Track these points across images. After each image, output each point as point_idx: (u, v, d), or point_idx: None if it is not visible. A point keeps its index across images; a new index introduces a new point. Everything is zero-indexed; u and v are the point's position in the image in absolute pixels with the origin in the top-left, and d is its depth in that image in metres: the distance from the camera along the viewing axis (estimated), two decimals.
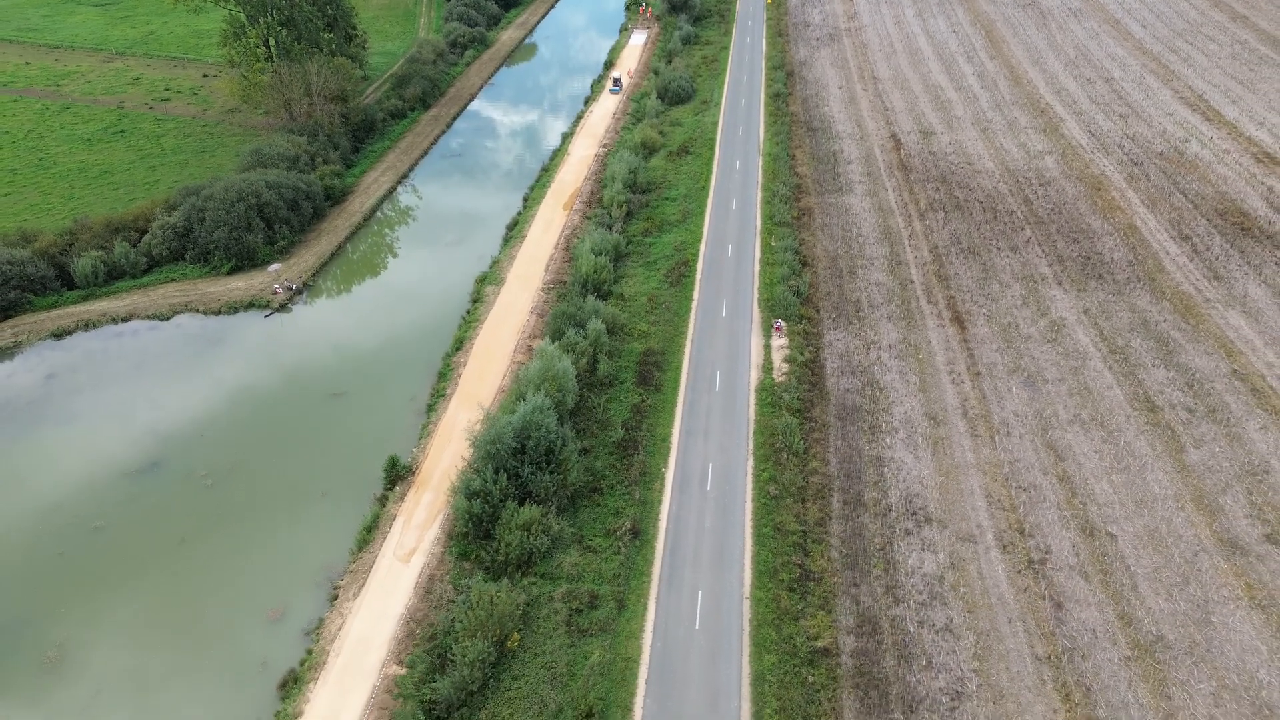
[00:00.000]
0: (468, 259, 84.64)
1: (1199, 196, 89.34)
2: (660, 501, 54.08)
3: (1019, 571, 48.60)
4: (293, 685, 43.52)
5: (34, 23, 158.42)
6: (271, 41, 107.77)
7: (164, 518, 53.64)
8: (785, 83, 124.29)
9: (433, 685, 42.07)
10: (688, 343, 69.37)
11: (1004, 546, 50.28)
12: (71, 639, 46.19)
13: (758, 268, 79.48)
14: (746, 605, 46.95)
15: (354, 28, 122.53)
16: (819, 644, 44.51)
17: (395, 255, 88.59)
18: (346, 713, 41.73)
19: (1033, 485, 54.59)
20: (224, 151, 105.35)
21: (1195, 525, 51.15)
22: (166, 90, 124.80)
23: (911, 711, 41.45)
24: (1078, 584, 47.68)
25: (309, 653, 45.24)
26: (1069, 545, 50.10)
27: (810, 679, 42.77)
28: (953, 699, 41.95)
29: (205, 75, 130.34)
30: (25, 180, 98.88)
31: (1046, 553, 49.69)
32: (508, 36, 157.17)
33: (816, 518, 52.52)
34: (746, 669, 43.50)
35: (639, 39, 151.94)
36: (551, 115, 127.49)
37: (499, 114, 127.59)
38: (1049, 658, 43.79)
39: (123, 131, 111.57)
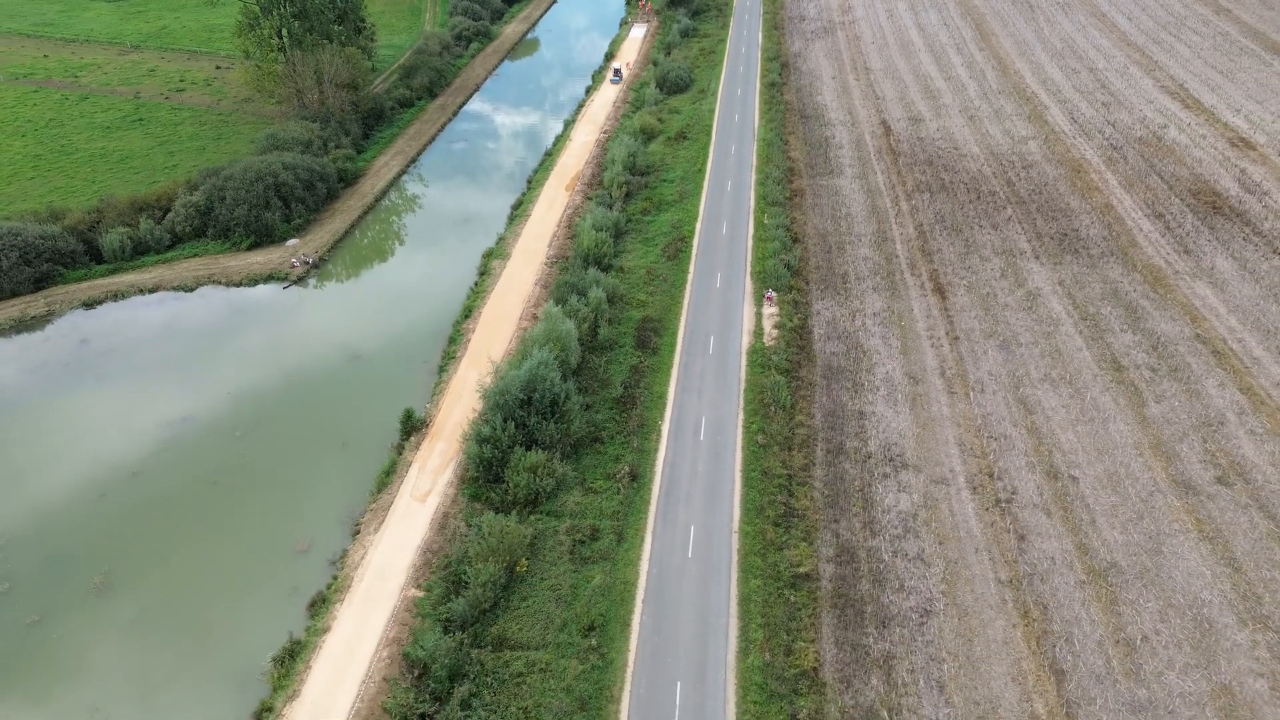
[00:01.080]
0: (475, 236, 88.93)
1: (1174, 178, 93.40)
2: (656, 450, 58.22)
3: (987, 509, 52.70)
4: (321, 605, 47.70)
5: (50, 17, 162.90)
6: (284, 32, 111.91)
7: (197, 464, 57.86)
8: (780, 73, 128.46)
9: (448, 605, 46.20)
10: (683, 311, 73.52)
11: (974, 488, 54.38)
12: (117, 568, 50.38)
13: (751, 243, 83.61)
14: (735, 538, 51.04)
15: (363, 20, 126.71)
16: (801, 570, 48.62)
17: (406, 232, 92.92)
18: (370, 628, 45.85)
19: (1003, 435, 58.67)
20: (239, 139, 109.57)
21: (1152, 469, 55.24)
22: (181, 82, 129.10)
23: (884, 627, 45.56)
24: (1040, 519, 51.78)
25: (335, 578, 49.43)
26: (1034, 487, 54.21)
27: (792, 599, 46.87)
28: (922, 616, 46.05)
29: (218, 68, 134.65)
30: (49, 165, 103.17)
31: (1013, 493, 53.78)
32: (511, 30, 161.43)
33: (801, 464, 56.64)
34: (734, 591, 47.60)
35: (639, 32, 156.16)
36: (554, 104, 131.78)
37: (503, 103, 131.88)
38: (1010, 581, 47.89)
39: (141, 120, 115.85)
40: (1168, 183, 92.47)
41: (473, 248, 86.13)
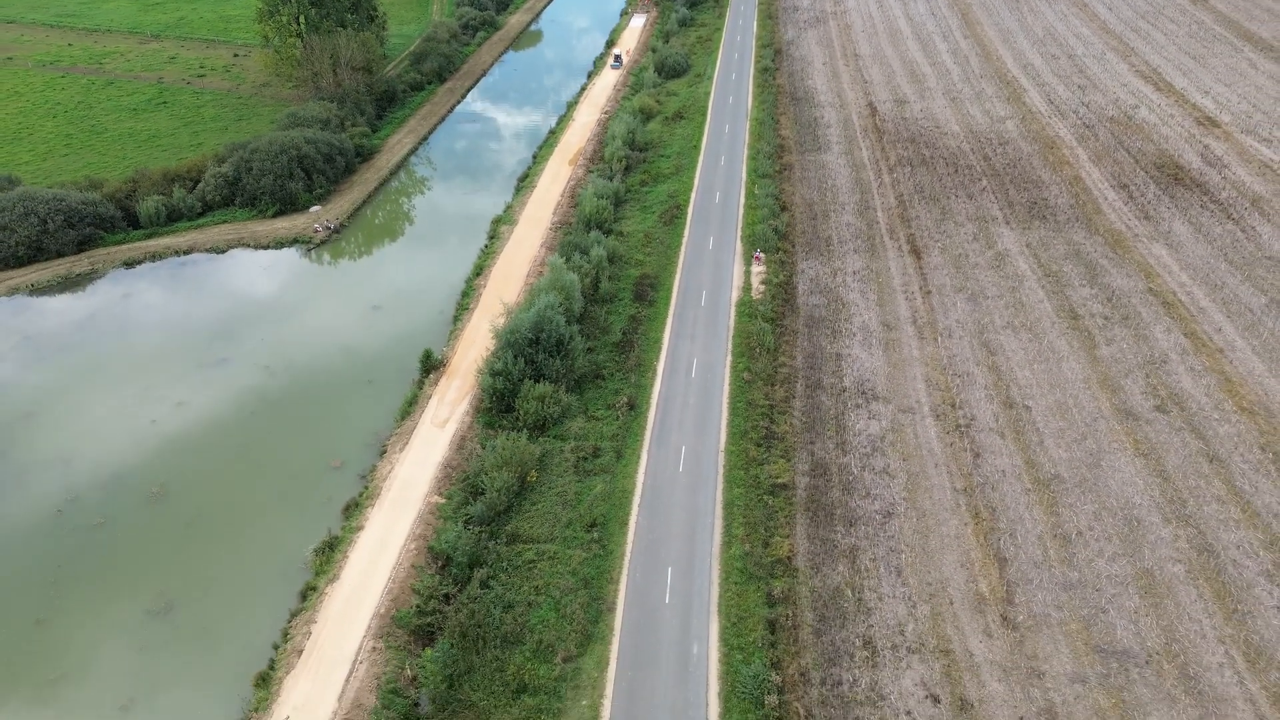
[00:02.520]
0: (483, 206, 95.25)
1: (1141, 153, 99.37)
2: (652, 385, 64.38)
3: (948, 432, 58.80)
4: (354, 509, 53.92)
5: (71, 9, 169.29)
6: (302, 19, 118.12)
7: (236, 398, 64.12)
8: (773, 59, 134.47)
9: (467, 509, 52.37)
10: (678, 269, 79.65)
11: (937, 416, 60.48)
12: (170, 481, 56.60)
13: (742, 211, 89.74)
14: (721, 456, 57.18)
15: (375, 9, 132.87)
16: (779, 481, 54.72)
17: (419, 202, 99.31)
18: (399, 527, 52.01)
19: (966, 373, 64.76)
20: (259, 119, 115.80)
21: (1098, 400, 61.30)
22: (201, 68, 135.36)
23: (851, 525, 51.68)
24: (995, 440, 57.88)
25: (365, 488, 55.64)
26: (991, 414, 60.30)
27: (770, 504, 52.97)
28: (884, 517, 52.15)
29: (236, 55, 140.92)
30: (81, 143, 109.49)
31: (972, 419, 59.88)
32: (516, 20, 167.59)
33: (782, 396, 62.76)
34: (720, 497, 53.75)
35: (638, 22, 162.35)
36: (557, 88, 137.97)
37: (509, 87, 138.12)
38: (965, 490, 53.98)
39: (165, 103, 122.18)
40: (1134, 157, 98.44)
41: (482, 216, 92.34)
